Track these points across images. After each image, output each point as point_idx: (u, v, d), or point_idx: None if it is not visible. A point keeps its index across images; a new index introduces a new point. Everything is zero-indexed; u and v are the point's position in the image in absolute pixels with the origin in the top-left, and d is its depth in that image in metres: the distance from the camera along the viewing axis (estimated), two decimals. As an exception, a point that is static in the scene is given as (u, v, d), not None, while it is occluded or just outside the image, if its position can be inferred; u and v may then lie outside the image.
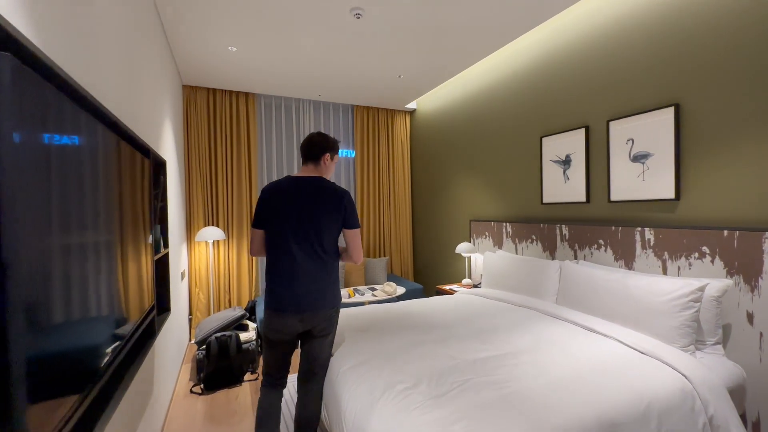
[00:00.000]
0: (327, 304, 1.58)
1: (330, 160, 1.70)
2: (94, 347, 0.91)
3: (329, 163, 1.70)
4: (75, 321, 0.81)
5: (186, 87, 3.62)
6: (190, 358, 3.16)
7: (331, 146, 1.70)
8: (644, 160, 2.13)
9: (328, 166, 1.70)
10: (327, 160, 1.69)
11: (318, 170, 1.69)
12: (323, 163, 1.68)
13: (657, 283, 1.81)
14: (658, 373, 1.47)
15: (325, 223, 1.57)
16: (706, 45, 1.85)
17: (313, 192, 1.59)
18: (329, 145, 1.69)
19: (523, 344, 1.71)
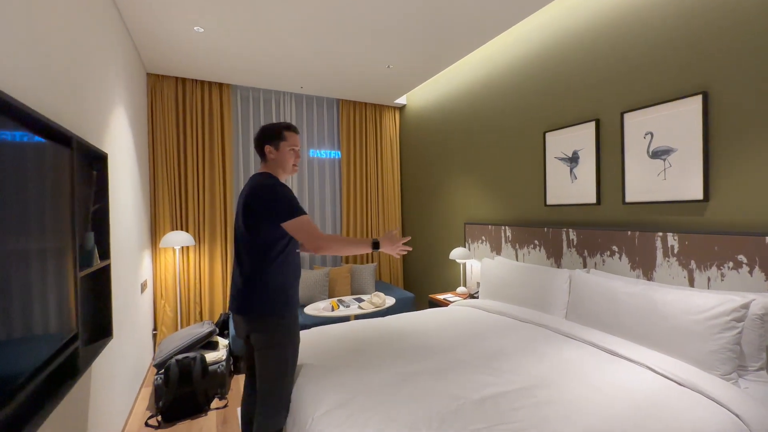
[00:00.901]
0: (253, 309, 1.41)
1: (275, 150, 1.53)
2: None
3: (276, 154, 1.54)
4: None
5: (151, 75, 3.25)
6: (152, 380, 2.78)
7: (267, 135, 1.54)
8: (665, 157, 1.89)
9: (275, 158, 1.54)
10: (271, 151, 1.53)
11: (266, 166, 1.56)
12: (268, 156, 1.54)
13: (689, 298, 1.55)
14: (705, 412, 1.20)
15: (245, 221, 1.43)
16: (740, 23, 1.61)
17: (244, 191, 1.49)
18: (266, 135, 1.54)
19: (539, 374, 1.42)
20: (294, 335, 1.46)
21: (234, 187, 3.67)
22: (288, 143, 1.54)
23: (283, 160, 1.54)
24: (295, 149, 1.55)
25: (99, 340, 1.58)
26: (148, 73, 3.24)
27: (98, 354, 1.47)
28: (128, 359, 2.23)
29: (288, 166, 1.55)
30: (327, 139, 4.16)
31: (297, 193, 3.99)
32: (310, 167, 4.09)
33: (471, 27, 2.63)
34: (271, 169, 1.55)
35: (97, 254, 1.46)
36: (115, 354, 1.92)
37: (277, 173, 1.55)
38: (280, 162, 1.54)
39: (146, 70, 3.20)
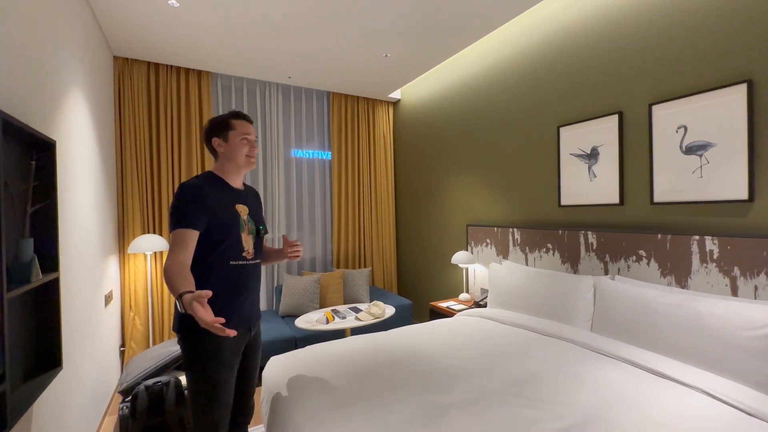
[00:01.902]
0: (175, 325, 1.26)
1: (224, 141, 1.35)
2: None
3: (225, 146, 1.35)
4: None
5: (118, 59, 2.88)
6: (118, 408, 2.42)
7: (213, 127, 1.35)
8: (702, 152, 1.71)
9: (225, 151, 1.35)
10: (219, 144, 1.35)
11: (217, 164, 1.38)
12: (218, 150, 1.36)
13: (743, 310, 1.37)
14: (791, 451, 1.01)
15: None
16: (794, 3, 1.44)
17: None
18: (212, 127, 1.36)
19: (585, 403, 1.20)
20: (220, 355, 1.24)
21: (214, 185, 3.33)
22: (238, 132, 1.35)
23: (234, 152, 1.34)
24: (247, 138, 1.36)
25: (44, 373, 1.26)
26: (115, 56, 2.88)
27: (42, 391, 1.16)
28: (86, 387, 1.89)
29: (240, 157, 1.35)
30: (317, 134, 3.87)
31: (284, 197, 3.68)
32: (299, 167, 3.79)
33: (476, 13, 2.42)
34: (221, 167, 1.36)
35: (38, 267, 1.15)
36: (67, 385, 1.59)
37: (227, 170, 1.36)
38: (230, 154, 1.34)
39: (113, 53, 2.83)
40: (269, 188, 3.60)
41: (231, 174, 1.37)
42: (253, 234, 1.39)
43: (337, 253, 3.89)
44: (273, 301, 3.61)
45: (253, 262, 1.38)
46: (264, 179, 3.58)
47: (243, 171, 1.40)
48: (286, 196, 3.71)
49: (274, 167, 3.60)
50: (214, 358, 1.24)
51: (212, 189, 1.28)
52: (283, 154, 3.66)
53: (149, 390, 1.94)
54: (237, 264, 1.31)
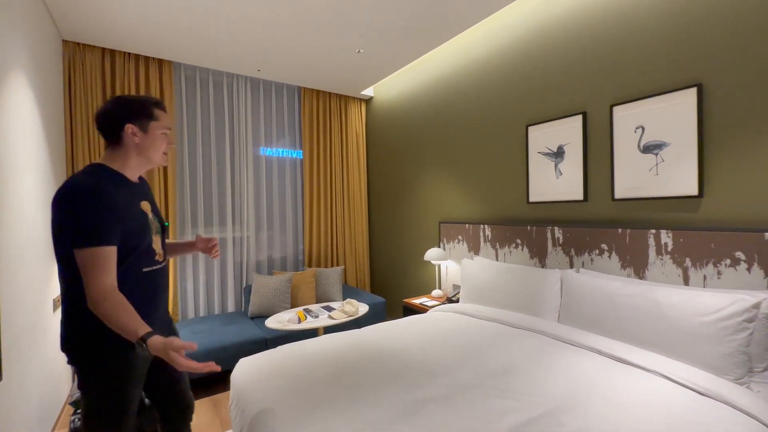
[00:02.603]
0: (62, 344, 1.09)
1: (142, 132, 1.13)
2: None
3: (143, 138, 1.13)
4: None
5: (69, 43, 2.66)
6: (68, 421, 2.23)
7: (131, 111, 1.11)
8: (658, 151, 1.82)
9: (141, 143, 1.13)
10: (135, 133, 1.12)
11: (113, 154, 1.13)
12: (128, 139, 1.12)
13: (697, 298, 1.47)
14: (738, 426, 1.09)
15: (52, 230, 1.05)
16: (736, 13, 1.57)
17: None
18: (129, 110, 1.11)
19: (556, 394, 1.24)
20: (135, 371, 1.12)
21: (177, 180, 3.16)
22: (160, 124, 1.17)
23: (151, 146, 1.15)
24: (166, 132, 1.19)
25: (-22, 386, 1.13)
26: (64, 40, 2.65)
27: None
28: (32, 399, 1.72)
29: (158, 154, 1.18)
30: (288, 131, 3.77)
31: (253, 195, 3.55)
32: (269, 164, 3.67)
33: (450, 14, 2.45)
34: (122, 160, 1.13)
35: (-29, 266, 1.02)
36: (8, 398, 1.44)
37: (130, 165, 1.15)
38: (146, 149, 1.14)
39: (62, 36, 2.61)
40: (237, 187, 3.46)
41: (133, 169, 1.16)
42: (159, 233, 1.25)
43: (309, 252, 3.81)
44: (242, 302, 3.47)
45: (164, 264, 1.25)
46: (232, 177, 3.44)
47: (151, 168, 1.25)
48: (255, 194, 3.58)
49: (242, 165, 3.47)
50: (130, 376, 1.11)
51: (114, 189, 1.06)
52: (252, 151, 3.53)
53: (105, 400, 1.79)
54: (150, 270, 1.17)
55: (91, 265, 0.98)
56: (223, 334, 2.62)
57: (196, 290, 3.27)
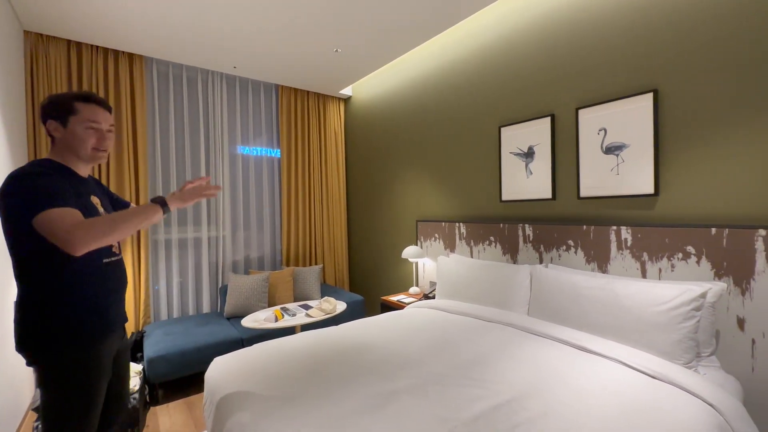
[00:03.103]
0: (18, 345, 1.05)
1: (62, 126, 1.12)
2: None
3: (63, 132, 1.12)
4: None
5: (30, 34, 2.55)
6: (30, 427, 2.14)
7: (50, 108, 1.12)
8: (618, 152, 1.93)
9: (62, 137, 1.13)
10: (56, 129, 1.12)
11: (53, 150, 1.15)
12: (53, 134, 1.13)
13: (651, 289, 1.58)
14: (685, 405, 1.18)
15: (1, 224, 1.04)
16: (688, 25, 1.68)
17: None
18: (48, 107, 1.12)
19: (522, 382, 1.30)
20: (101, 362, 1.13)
21: (149, 177, 3.07)
22: (81, 117, 1.12)
23: (74, 141, 1.12)
24: (94, 126, 1.14)
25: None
26: (26, 30, 2.53)
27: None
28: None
29: (83, 148, 1.13)
30: (265, 129, 3.73)
31: (229, 195, 3.50)
32: (245, 163, 3.62)
33: (426, 16, 2.50)
34: (59, 154, 1.14)
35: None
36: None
37: (68, 159, 1.15)
38: (69, 143, 1.12)
39: (22, 27, 2.49)
40: (212, 184, 3.40)
41: (73, 164, 1.16)
42: None
43: (287, 251, 3.79)
44: (218, 303, 3.42)
45: (120, 256, 1.26)
46: (206, 174, 3.37)
47: (87, 165, 1.20)
48: (231, 194, 3.53)
49: (218, 164, 3.41)
50: (95, 367, 1.10)
51: (60, 176, 1.07)
52: (228, 149, 3.48)
53: (71, 404, 1.73)
54: (109, 261, 1.19)
55: (59, 217, 0.98)
56: (197, 335, 2.58)
57: (169, 291, 3.19)
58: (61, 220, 0.98)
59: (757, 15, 1.50)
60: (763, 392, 1.48)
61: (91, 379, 1.09)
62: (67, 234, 0.96)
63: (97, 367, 1.11)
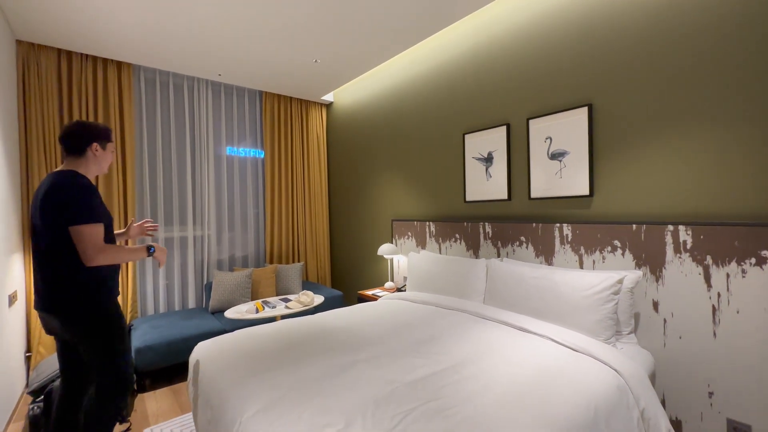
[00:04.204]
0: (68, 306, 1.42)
1: (102, 149, 1.57)
2: None
3: (101, 153, 1.57)
4: None
5: (23, 43, 2.69)
6: (24, 413, 2.28)
7: (96, 133, 1.55)
8: (561, 158, 2.19)
9: (98, 157, 1.56)
10: (96, 149, 1.55)
11: (77, 163, 1.53)
12: (90, 153, 1.54)
13: (581, 277, 1.83)
14: (595, 371, 1.42)
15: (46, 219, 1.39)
16: (615, 49, 1.95)
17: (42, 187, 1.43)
18: (95, 132, 1.55)
19: (462, 354, 1.53)
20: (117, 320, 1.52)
21: (136, 180, 3.23)
22: (113, 145, 1.63)
23: (104, 161, 1.60)
24: (114, 151, 1.69)
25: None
26: (18, 40, 2.67)
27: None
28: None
29: (106, 167, 1.63)
30: (249, 134, 3.92)
31: (214, 195, 3.67)
32: (230, 166, 3.80)
33: (398, 31, 2.73)
34: (83, 167, 1.53)
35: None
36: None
37: (89, 172, 1.55)
38: (101, 162, 1.58)
39: (15, 36, 2.64)
40: (198, 186, 3.56)
41: (91, 175, 1.56)
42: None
43: (270, 249, 3.97)
44: (203, 299, 3.58)
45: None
46: (192, 177, 3.54)
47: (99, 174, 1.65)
48: (216, 194, 3.70)
49: (203, 165, 3.58)
50: (121, 316, 1.55)
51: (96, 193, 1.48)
52: (213, 151, 3.65)
53: (65, 386, 1.90)
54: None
55: (91, 235, 1.38)
56: (183, 328, 2.74)
57: (155, 288, 3.34)
58: (91, 237, 1.38)
59: (671, 41, 1.76)
60: (672, 362, 1.74)
61: (123, 323, 1.53)
62: (95, 253, 1.37)
63: (121, 316, 1.53)
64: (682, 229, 1.70)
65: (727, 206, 1.62)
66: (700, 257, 1.65)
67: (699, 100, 1.68)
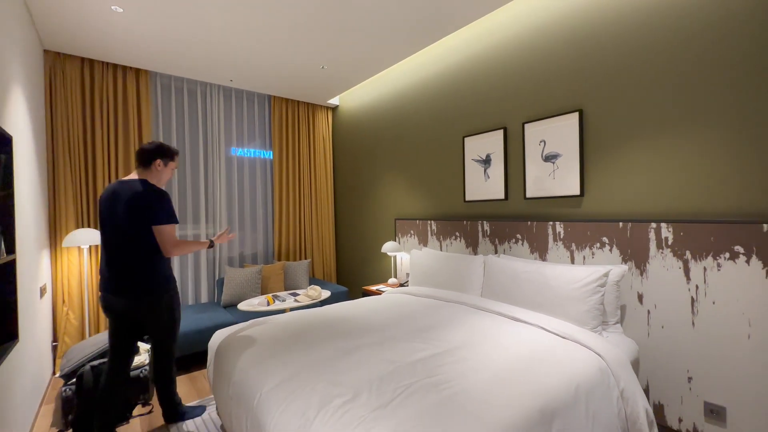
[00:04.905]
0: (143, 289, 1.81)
1: (164, 166, 1.92)
2: None
3: (163, 169, 1.92)
4: None
5: (49, 53, 2.87)
6: (53, 396, 2.46)
7: (163, 152, 1.91)
8: (554, 160, 2.33)
9: (160, 171, 1.92)
10: (159, 164, 1.90)
11: (147, 173, 1.89)
12: (155, 167, 1.89)
13: (570, 271, 1.96)
14: (579, 355, 1.56)
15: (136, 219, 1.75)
16: (603, 59, 2.08)
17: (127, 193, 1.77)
18: (162, 151, 1.91)
19: (458, 340, 1.68)
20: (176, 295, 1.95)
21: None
22: (174, 164, 1.98)
23: (164, 177, 1.94)
24: (174, 169, 2.00)
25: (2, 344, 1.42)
26: (45, 50, 2.86)
27: (4, 357, 1.33)
28: (28, 371, 1.97)
29: (164, 181, 1.96)
30: (258, 136, 4.08)
31: (225, 194, 3.85)
32: (240, 167, 3.97)
33: (401, 39, 2.88)
34: (149, 177, 1.89)
35: (3, 246, 1.32)
36: (18, 361, 1.71)
37: (152, 181, 1.89)
38: (162, 176, 1.93)
39: (43, 47, 2.82)
40: (210, 186, 3.74)
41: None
42: None
43: (279, 247, 4.13)
44: (215, 293, 3.75)
45: None
46: (205, 177, 3.71)
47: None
48: (227, 193, 3.87)
49: (215, 166, 3.75)
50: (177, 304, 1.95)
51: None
52: (224, 153, 3.82)
53: (95, 370, 2.07)
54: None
55: (170, 233, 1.79)
56: (197, 320, 2.91)
57: (171, 283, 3.51)
58: (170, 235, 1.78)
59: (652, 53, 1.90)
60: (655, 350, 1.87)
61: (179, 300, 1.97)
62: (172, 248, 1.78)
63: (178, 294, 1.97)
64: (664, 227, 1.83)
65: (705, 205, 1.75)
66: (680, 252, 1.79)
67: (678, 107, 1.81)
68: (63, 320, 2.85)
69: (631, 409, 1.49)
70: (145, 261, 1.77)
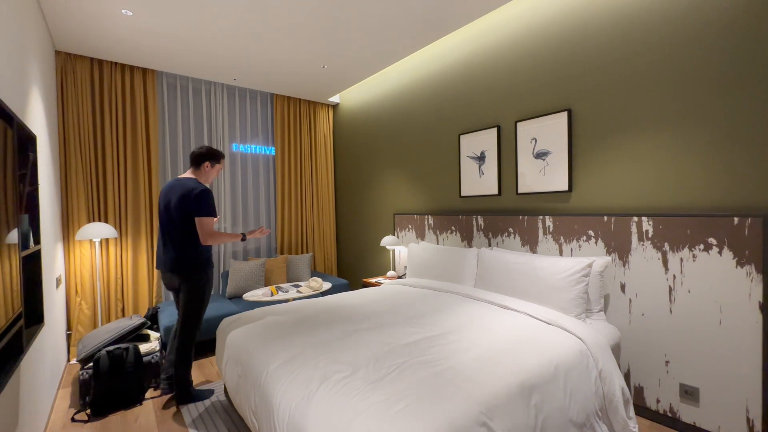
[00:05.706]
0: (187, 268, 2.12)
1: (211, 167, 2.27)
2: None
3: (210, 170, 2.26)
4: None
5: (60, 53, 2.98)
6: (69, 381, 2.60)
7: (212, 155, 2.25)
8: (545, 157, 2.44)
9: (207, 171, 2.26)
10: (207, 166, 2.25)
11: (197, 173, 2.23)
12: (203, 168, 2.24)
13: (557, 263, 2.08)
14: (561, 338, 1.69)
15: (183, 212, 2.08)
16: (590, 62, 2.19)
17: (178, 188, 2.11)
18: (211, 154, 2.25)
19: (450, 325, 1.80)
20: (210, 279, 2.22)
21: (160, 178, 3.52)
22: (220, 166, 2.32)
23: (210, 176, 2.28)
24: (220, 169, 2.36)
25: (31, 326, 1.55)
26: (57, 50, 2.97)
27: (35, 337, 1.46)
28: (48, 356, 2.11)
29: (210, 180, 2.30)
30: (261, 133, 4.20)
31: (230, 189, 3.97)
32: (244, 163, 4.08)
33: (400, 38, 2.98)
34: (198, 176, 2.23)
35: (32, 237, 1.45)
36: (43, 345, 1.84)
37: (201, 180, 2.23)
38: (209, 176, 2.27)
39: (55, 48, 2.93)
40: (214, 181, 3.85)
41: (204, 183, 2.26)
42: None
43: (281, 241, 4.26)
44: (219, 285, 3.88)
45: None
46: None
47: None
48: (231, 188, 3.99)
49: (220, 162, 3.86)
50: (209, 284, 2.20)
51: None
52: (228, 150, 3.94)
53: (111, 354, 2.21)
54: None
55: (208, 224, 2.07)
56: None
57: (177, 275, 3.64)
58: (207, 226, 2.07)
59: (635, 57, 2.00)
60: (636, 336, 2.00)
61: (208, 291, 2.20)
62: (207, 237, 2.07)
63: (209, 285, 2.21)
64: (644, 220, 1.95)
65: (682, 200, 1.87)
66: (659, 244, 1.90)
67: (656, 110, 1.92)
68: (76, 310, 2.99)
69: (608, 388, 1.61)
70: (190, 245, 2.08)
